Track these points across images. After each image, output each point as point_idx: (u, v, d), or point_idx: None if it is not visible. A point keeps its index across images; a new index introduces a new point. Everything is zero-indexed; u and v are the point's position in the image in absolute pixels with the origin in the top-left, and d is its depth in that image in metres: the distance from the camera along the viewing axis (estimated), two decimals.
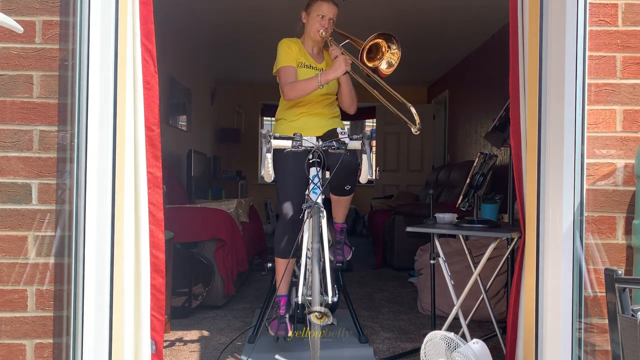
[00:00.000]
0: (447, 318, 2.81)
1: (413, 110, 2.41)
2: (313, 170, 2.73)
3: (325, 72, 2.86)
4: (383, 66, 2.73)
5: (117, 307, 2.06)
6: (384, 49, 2.71)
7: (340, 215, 3.16)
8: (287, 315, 2.91)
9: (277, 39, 3.08)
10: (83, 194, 1.98)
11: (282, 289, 2.95)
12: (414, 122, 2.40)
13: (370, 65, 2.71)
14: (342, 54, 2.85)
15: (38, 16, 2.04)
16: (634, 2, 2.10)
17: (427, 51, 7.09)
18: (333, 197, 3.07)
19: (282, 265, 2.93)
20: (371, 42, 2.67)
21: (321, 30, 2.94)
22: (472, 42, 6.54)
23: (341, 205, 3.11)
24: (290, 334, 2.90)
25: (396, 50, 2.71)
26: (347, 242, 3.18)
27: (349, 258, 3.14)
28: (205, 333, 3.35)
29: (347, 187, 3.00)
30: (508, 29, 2.29)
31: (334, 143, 2.60)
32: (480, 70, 6.60)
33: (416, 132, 2.40)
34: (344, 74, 2.89)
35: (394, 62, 2.72)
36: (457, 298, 2.75)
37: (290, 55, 2.97)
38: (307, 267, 2.53)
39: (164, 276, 2.21)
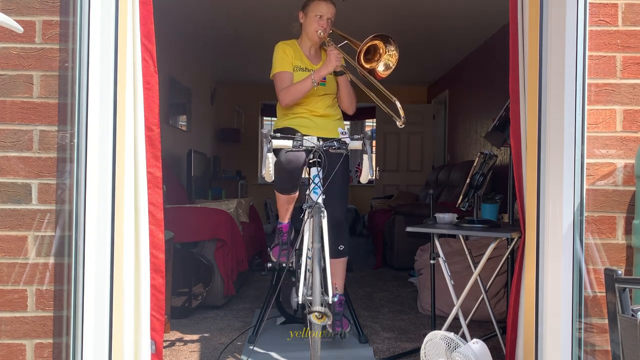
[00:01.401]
0: (447, 318, 2.81)
1: (398, 104, 2.45)
2: (313, 170, 2.73)
3: (318, 69, 2.87)
4: (380, 68, 2.73)
5: (117, 307, 2.06)
6: (381, 51, 2.71)
7: (338, 284, 3.04)
8: (288, 242, 2.93)
9: (277, 39, 3.08)
10: (83, 194, 1.98)
11: (283, 218, 3.00)
12: (399, 115, 2.42)
13: (367, 66, 2.71)
14: (335, 49, 2.85)
15: (38, 16, 2.04)
16: (634, 2, 2.10)
17: (427, 51, 7.09)
18: (330, 263, 2.98)
19: (283, 198, 2.97)
20: (368, 44, 2.66)
21: (319, 31, 2.94)
22: (472, 42, 6.54)
23: (338, 270, 3.04)
24: (291, 260, 2.91)
25: (394, 52, 2.71)
26: (345, 315, 3.10)
27: (347, 330, 3.04)
28: (205, 333, 3.35)
29: (341, 247, 2.99)
30: (508, 29, 2.29)
31: (335, 143, 2.60)
32: (480, 70, 6.61)
33: (401, 125, 2.43)
34: (340, 74, 2.90)
35: (391, 65, 2.72)
36: (457, 298, 2.75)
37: (285, 60, 2.97)
38: (307, 267, 2.53)
39: (164, 276, 2.21)
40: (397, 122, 2.43)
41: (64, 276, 2.02)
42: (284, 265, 3.00)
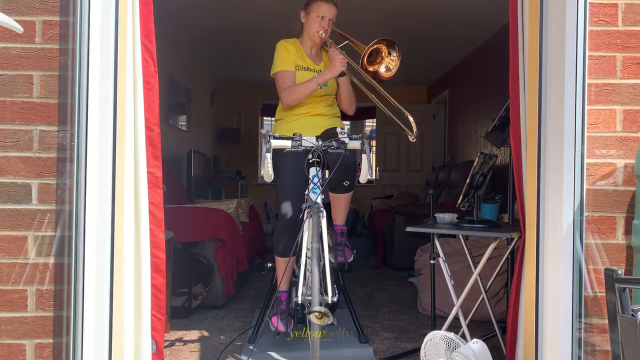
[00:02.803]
0: (447, 318, 2.81)
1: (411, 118, 2.41)
2: (313, 170, 2.73)
3: (322, 72, 2.86)
4: (382, 69, 2.73)
5: (117, 307, 2.06)
6: (383, 54, 2.71)
7: (340, 217, 3.10)
8: (287, 312, 2.92)
9: (277, 38, 3.08)
10: (83, 194, 1.98)
11: (282, 286, 2.96)
12: (411, 129, 2.40)
13: (370, 69, 2.71)
14: (340, 54, 2.84)
15: (38, 16, 2.04)
16: (634, 2, 2.10)
17: (427, 51, 7.09)
18: (332, 196, 3.04)
19: (282, 263, 2.94)
20: (373, 47, 2.66)
21: (321, 32, 2.93)
22: (472, 42, 6.54)
23: (341, 204, 3.06)
24: (289, 331, 2.91)
25: (395, 58, 2.71)
26: (347, 244, 3.16)
27: (350, 260, 3.08)
28: (205, 333, 3.35)
29: (346, 183, 2.96)
30: (508, 29, 2.29)
31: (334, 143, 2.60)
32: (480, 70, 6.60)
33: (413, 139, 2.41)
34: (341, 75, 2.89)
35: (392, 68, 2.72)
36: (457, 298, 2.75)
37: (287, 58, 2.95)
38: (307, 267, 2.53)
39: (165, 276, 2.21)
40: (410, 137, 2.41)
41: (64, 276, 2.02)
42: (284, 335, 3.00)
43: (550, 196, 2.06)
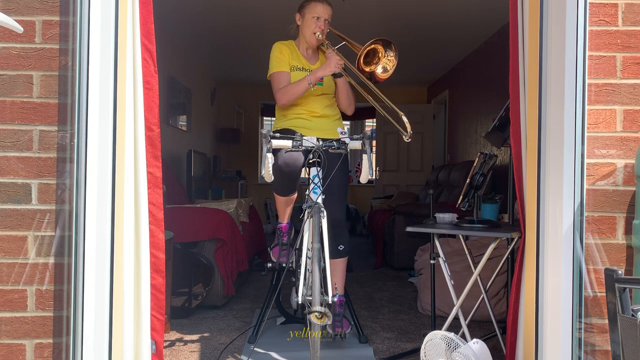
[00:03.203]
0: (447, 318, 2.81)
1: (404, 118, 2.42)
2: (313, 170, 2.73)
3: (314, 71, 2.87)
4: (378, 70, 2.73)
5: (117, 307, 2.06)
6: (380, 54, 2.71)
7: (339, 286, 3.02)
8: (288, 242, 2.94)
9: (278, 38, 3.08)
10: (83, 194, 1.98)
11: (283, 218, 3.00)
12: (405, 129, 2.41)
13: (366, 69, 2.71)
14: (337, 55, 2.85)
15: (38, 16, 2.04)
16: (634, 2, 2.10)
17: (427, 51, 7.09)
18: (329, 263, 2.95)
19: (281, 199, 2.99)
20: (369, 47, 2.66)
21: (317, 32, 2.94)
22: (472, 42, 6.54)
23: (338, 271, 3.02)
24: (291, 260, 2.92)
25: (392, 58, 2.71)
26: (346, 315, 3.09)
27: (348, 331, 3.01)
28: (205, 333, 3.35)
29: (341, 247, 2.99)
30: (508, 29, 2.29)
31: (334, 143, 2.60)
32: (480, 70, 6.61)
33: (407, 139, 2.41)
34: (338, 76, 2.90)
35: (389, 68, 2.72)
36: (457, 298, 2.75)
37: (282, 60, 2.97)
38: (307, 267, 2.53)
39: (164, 276, 2.21)
40: (404, 137, 2.42)
41: (64, 276, 2.02)
42: (284, 265, 3.00)
43: (550, 196, 2.06)
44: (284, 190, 2.93)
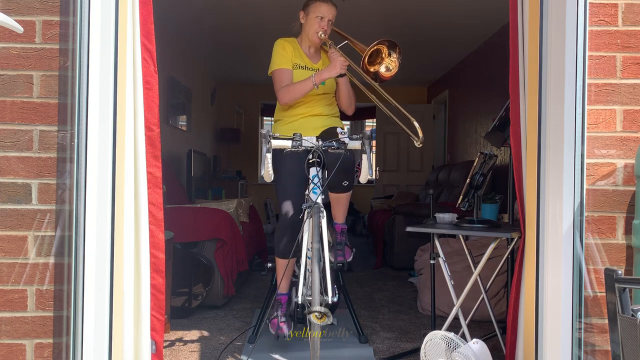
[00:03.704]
0: (447, 318, 2.81)
1: (416, 124, 2.40)
2: (313, 170, 2.73)
3: (319, 72, 2.86)
4: (382, 69, 2.72)
5: (117, 307, 2.06)
6: (384, 54, 2.71)
7: (340, 215, 3.11)
8: (287, 314, 2.91)
9: (278, 38, 3.08)
10: (83, 194, 1.98)
11: (282, 288, 2.95)
12: (417, 135, 2.39)
13: (370, 69, 2.70)
14: (341, 56, 2.84)
15: (38, 16, 2.04)
16: (634, 2, 2.10)
17: (427, 51, 7.09)
18: (332, 196, 3.05)
19: (282, 264, 2.93)
20: (374, 48, 2.66)
21: (320, 32, 2.93)
22: (472, 42, 6.54)
23: (340, 203, 3.07)
24: (290, 333, 2.90)
25: (395, 59, 2.70)
26: (347, 243, 3.15)
27: (350, 259, 3.08)
28: (205, 333, 3.35)
29: (345, 183, 2.97)
30: (508, 29, 2.29)
31: (334, 143, 2.59)
32: (480, 70, 6.61)
33: (419, 145, 2.41)
34: (340, 76, 2.89)
35: (392, 68, 2.72)
36: (457, 298, 2.75)
37: (285, 56, 2.95)
38: (307, 267, 2.53)
39: (164, 276, 2.21)
40: (415, 142, 2.41)
41: (64, 276, 2.02)
42: (284, 338, 2.99)
43: (550, 196, 2.06)
44: (285, 250, 2.88)
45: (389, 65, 2.71)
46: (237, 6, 5.34)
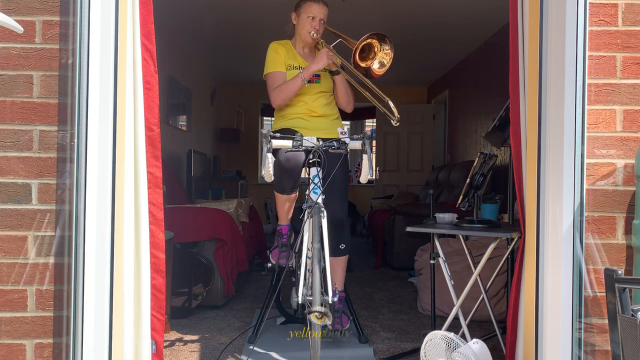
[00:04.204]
0: (447, 318, 2.81)
1: (391, 103, 2.46)
2: (313, 170, 2.73)
3: (307, 66, 2.87)
4: (375, 66, 2.73)
5: (117, 307, 2.06)
6: (376, 49, 2.71)
7: (338, 281, 3.06)
8: (288, 244, 2.93)
9: (278, 38, 3.09)
10: (83, 194, 1.98)
11: (282, 219, 2.98)
12: (392, 114, 2.43)
13: (362, 65, 2.71)
14: (334, 55, 2.87)
15: (38, 16, 2.04)
16: (634, 2, 2.10)
17: (427, 51, 7.09)
18: (330, 261, 2.94)
19: (282, 198, 2.96)
20: (364, 42, 2.67)
21: (312, 32, 2.95)
22: (472, 42, 6.54)
23: (338, 268, 3.05)
24: (291, 262, 2.91)
25: (389, 51, 2.71)
26: (345, 311, 3.12)
27: (347, 327, 3.06)
28: (205, 333, 3.35)
29: (342, 247, 2.99)
30: (508, 29, 2.29)
31: (334, 143, 2.60)
32: (480, 70, 6.61)
33: (396, 123, 2.44)
34: (335, 74, 2.90)
35: (386, 62, 2.73)
36: (457, 298, 2.75)
37: (277, 59, 2.97)
38: (307, 267, 2.53)
39: (164, 276, 2.21)
40: (392, 121, 2.44)
41: (64, 276, 2.02)
42: (283, 266, 3.00)
43: (550, 196, 2.06)
44: (285, 187, 2.92)
45: (382, 59, 2.72)
46: (237, 4, 5.34)
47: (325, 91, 3.04)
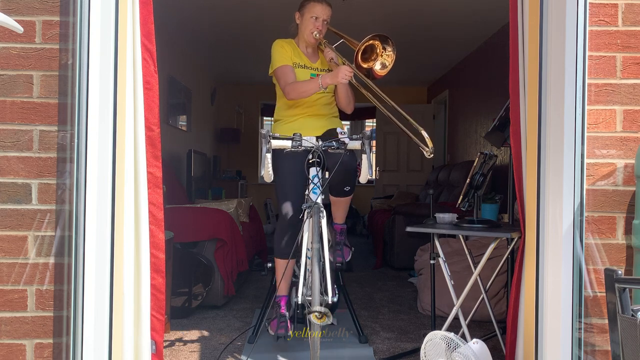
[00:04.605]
0: (447, 318, 2.81)
1: (425, 134, 2.32)
2: (313, 170, 2.73)
3: (324, 76, 2.86)
4: (377, 67, 2.73)
5: (117, 307, 2.06)
6: (378, 50, 2.71)
7: (340, 216, 3.13)
8: (287, 315, 2.91)
9: (278, 37, 3.09)
10: (83, 194, 1.98)
11: (282, 289, 2.95)
12: (426, 145, 2.32)
13: (364, 66, 2.71)
14: (339, 59, 2.86)
15: (38, 16, 2.04)
16: (634, 2, 2.10)
17: (427, 51, 7.09)
18: (332, 198, 3.06)
19: (281, 265, 2.93)
20: (366, 44, 2.66)
21: (315, 32, 2.95)
22: (472, 42, 6.54)
23: (341, 206, 3.10)
24: (290, 333, 2.90)
25: (391, 53, 2.71)
26: (347, 243, 3.16)
27: (348, 259, 3.11)
28: (205, 333, 3.35)
29: (347, 189, 2.99)
30: (508, 29, 2.29)
31: (334, 143, 2.60)
32: (480, 70, 6.61)
33: (429, 155, 2.33)
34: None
35: (387, 64, 2.72)
36: (457, 298, 2.75)
37: (285, 55, 2.97)
38: (307, 267, 2.53)
39: (164, 276, 2.21)
40: (425, 153, 2.33)
41: (64, 276, 2.02)
42: (284, 338, 2.98)
43: (550, 196, 2.06)
44: (284, 250, 2.88)
45: (384, 61, 2.71)
46: (237, 4, 5.34)
47: (326, 92, 3.04)
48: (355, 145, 2.61)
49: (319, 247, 2.38)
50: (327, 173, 2.82)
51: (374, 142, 8.98)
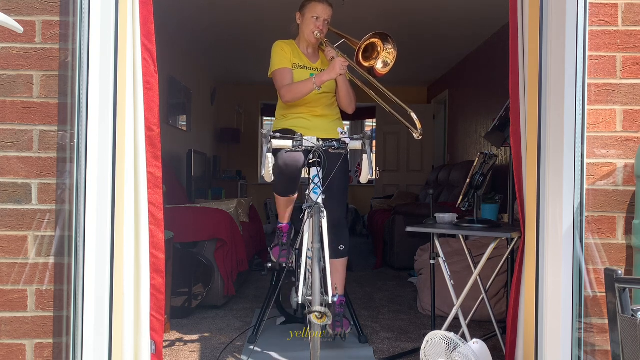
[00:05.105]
0: (447, 318, 2.81)
1: (413, 115, 2.40)
2: (313, 171, 2.73)
3: (320, 73, 2.87)
4: (379, 65, 2.73)
5: (117, 307, 2.06)
6: (379, 49, 2.72)
7: (339, 286, 3.03)
8: (288, 243, 2.94)
9: (278, 37, 3.09)
10: (83, 194, 1.98)
11: (283, 219, 3.02)
12: (415, 127, 2.39)
13: (366, 64, 2.72)
14: (338, 55, 2.85)
15: (38, 16, 2.04)
16: (634, 2, 2.10)
17: (427, 51, 7.09)
18: (330, 264, 2.76)
19: (282, 199, 2.98)
20: (367, 42, 2.67)
21: (316, 32, 2.95)
22: (472, 42, 6.54)
23: (339, 271, 3.02)
24: (291, 260, 2.92)
25: (392, 50, 2.71)
26: (346, 315, 3.08)
27: (348, 331, 3.01)
28: (205, 333, 3.35)
29: (341, 247, 2.99)
30: (508, 29, 2.29)
31: (334, 143, 2.60)
32: (480, 70, 6.61)
33: (418, 137, 2.40)
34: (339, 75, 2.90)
35: (389, 62, 2.73)
36: (457, 298, 2.75)
37: (284, 57, 2.98)
38: (307, 267, 2.53)
39: (164, 276, 2.22)
40: (414, 134, 2.39)
41: (64, 276, 2.02)
42: (284, 265, 3.00)
43: (550, 196, 2.06)
44: (284, 190, 2.93)
45: (386, 58, 2.72)
46: (237, 4, 5.34)
47: (327, 92, 3.04)
48: (355, 145, 2.61)
49: (319, 247, 2.38)
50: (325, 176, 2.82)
51: (374, 142, 8.98)
